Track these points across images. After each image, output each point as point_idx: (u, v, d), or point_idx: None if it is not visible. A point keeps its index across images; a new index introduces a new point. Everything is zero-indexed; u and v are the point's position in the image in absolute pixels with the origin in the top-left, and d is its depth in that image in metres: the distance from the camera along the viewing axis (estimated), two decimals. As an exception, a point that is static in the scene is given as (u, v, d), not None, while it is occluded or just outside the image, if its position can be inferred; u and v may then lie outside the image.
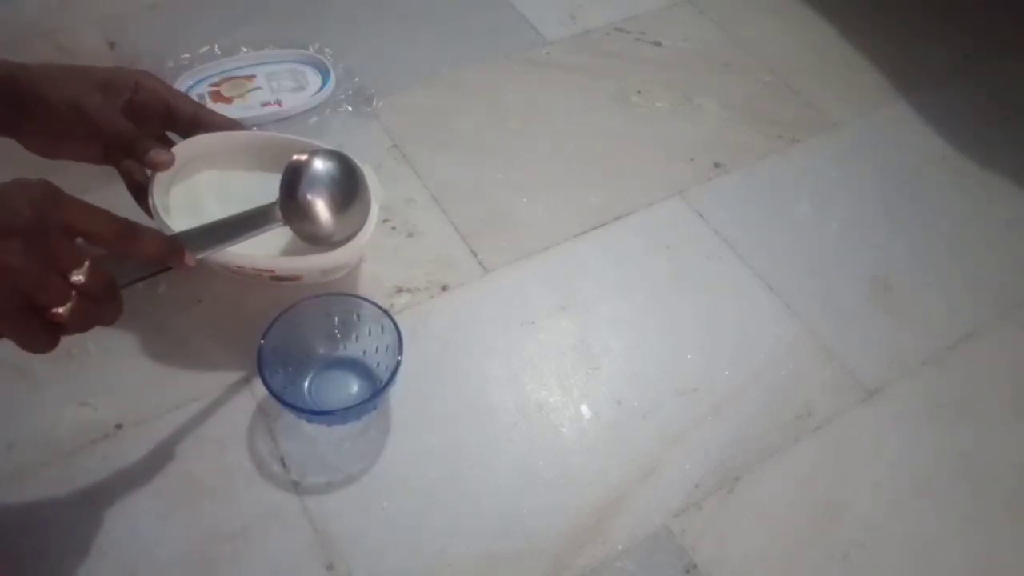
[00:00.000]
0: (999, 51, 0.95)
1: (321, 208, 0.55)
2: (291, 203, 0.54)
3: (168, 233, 0.53)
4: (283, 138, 0.63)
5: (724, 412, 0.61)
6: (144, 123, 0.57)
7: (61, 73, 0.54)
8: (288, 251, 0.59)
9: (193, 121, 0.59)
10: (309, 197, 0.55)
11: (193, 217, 0.57)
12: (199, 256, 0.49)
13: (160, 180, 0.58)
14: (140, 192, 0.58)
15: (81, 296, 0.41)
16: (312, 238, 0.56)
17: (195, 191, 0.61)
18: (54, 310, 0.41)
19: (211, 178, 0.62)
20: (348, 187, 0.57)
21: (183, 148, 0.58)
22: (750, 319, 0.67)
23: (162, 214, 0.56)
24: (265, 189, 0.56)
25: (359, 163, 0.59)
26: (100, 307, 0.43)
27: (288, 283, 0.62)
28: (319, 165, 0.55)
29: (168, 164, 0.56)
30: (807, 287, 0.69)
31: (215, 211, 0.57)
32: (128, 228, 0.44)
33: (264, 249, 0.58)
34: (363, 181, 0.59)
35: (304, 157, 0.55)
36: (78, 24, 0.84)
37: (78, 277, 0.41)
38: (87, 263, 0.41)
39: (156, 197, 0.56)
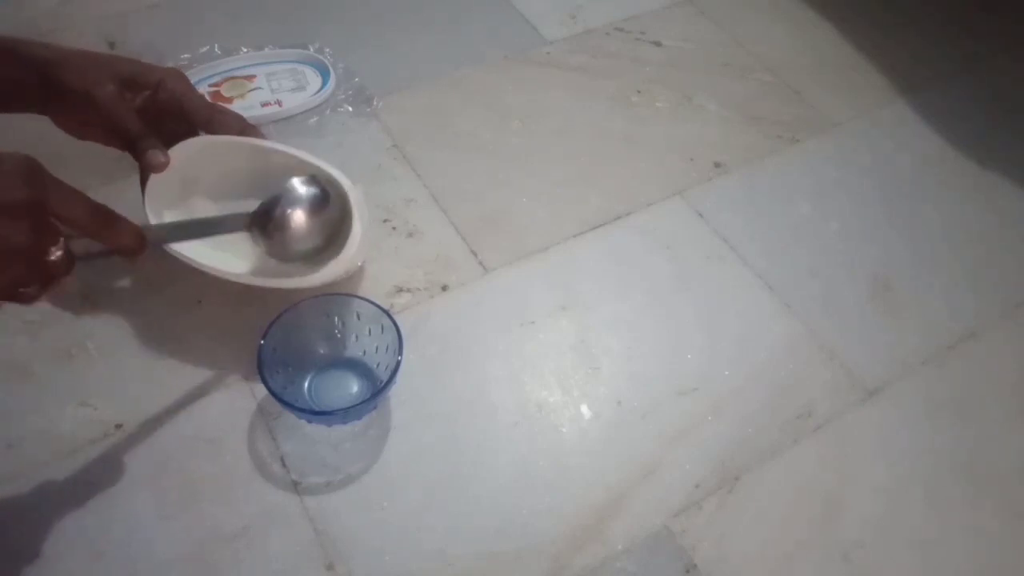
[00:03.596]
0: (999, 51, 0.95)
1: (293, 230, 0.56)
2: (263, 221, 0.56)
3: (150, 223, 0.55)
4: (286, 155, 0.61)
5: (724, 412, 0.61)
6: (162, 122, 0.58)
7: (86, 62, 0.55)
8: (274, 265, 0.60)
9: (207, 126, 0.59)
10: (280, 217, 0.55)
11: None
12: (166, 244, 0.53)
13: (158, 193, 0.58)
14: None
15: (47, 275, 0.41)
16: (283, 256, 0.58)
17: (189, 197, 0.62)
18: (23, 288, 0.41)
19: (205, 182, 0.62)
20: (323, 211, 0.57)
21: (181, 149, 0.58)
22: (750, 319, 0.67)
23: (154, 218, 0.57)
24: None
25: (347, 183, 0.59)
26: (54, 286, 0.43)
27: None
28: (297, 190, 0.57)
29: (162, 167, 0.56)
30: (807, 287, 0.69)
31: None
32: (105, 216, 0.44)
33: (251, 261, 0.59)
34: (343, 205, 0.59)
35: (286, 183, 0.56)
36: (78, 24, 0.84)
37: (53, 257, 0.41)
38: (63, 244, 0.41)
39: (150, 201, 0.58)
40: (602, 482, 0.57)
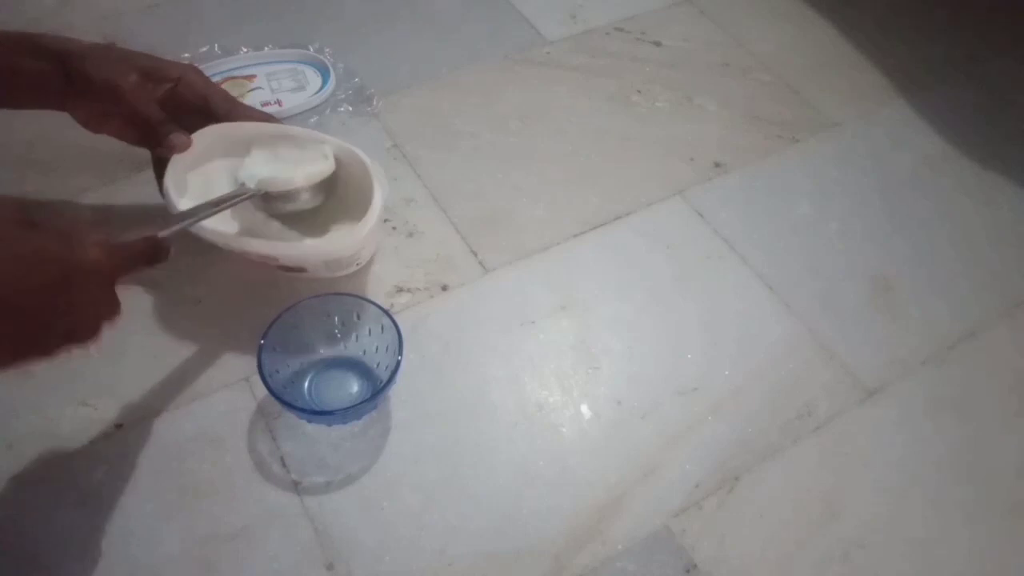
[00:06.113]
0: (999, 51, 0.95)
1: (296, 189, 0.58)
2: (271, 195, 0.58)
3: (175, 211, 0.56)
4: (300, 133, 0.62)
5: (724, 412, 0.61)
6: (181, 115, 0.59)
7: (108, 54, 0.57)
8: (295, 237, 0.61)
9: (227, 118, 0.60)
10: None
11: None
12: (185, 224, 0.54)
13: (176, 167, 0.59)
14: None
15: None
16: (294, 213, 0.59)
17: (208, 177, 0.62)
18: None
19: (224, 166, 0.62)
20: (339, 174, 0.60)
21: (203, 135, 0.59)
22: (750, 319, 0.67)
23: (174, 196, 0.57)
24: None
25: (366, 158, 0.60)
26: None
27: (291, 279, 0.62)
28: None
29: (185, 146, 0.58)
30: (807, 287, 0.69)
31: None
32: (156, 252, 0.47)
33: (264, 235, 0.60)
34: (359, 172, 0.60)
35: None
36: (78, 23, 0.84)
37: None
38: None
39: (170, 179, 0.58)
40: (602, 482, 0.57)
